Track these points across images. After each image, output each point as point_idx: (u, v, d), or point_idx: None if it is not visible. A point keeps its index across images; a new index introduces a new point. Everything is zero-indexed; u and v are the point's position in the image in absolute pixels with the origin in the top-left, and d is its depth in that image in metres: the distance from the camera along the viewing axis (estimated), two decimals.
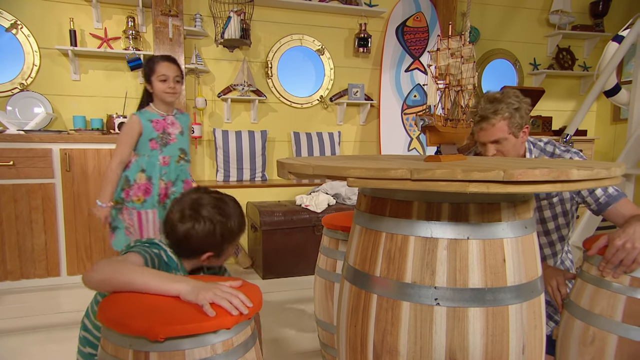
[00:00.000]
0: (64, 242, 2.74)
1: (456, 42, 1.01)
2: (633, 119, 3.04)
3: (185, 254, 1.23)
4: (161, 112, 2.05)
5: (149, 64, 2.00)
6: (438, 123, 0.95)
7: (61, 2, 3.14)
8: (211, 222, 1.21)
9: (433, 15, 3.88)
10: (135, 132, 1.98)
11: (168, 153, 2.05)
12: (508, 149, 1.53)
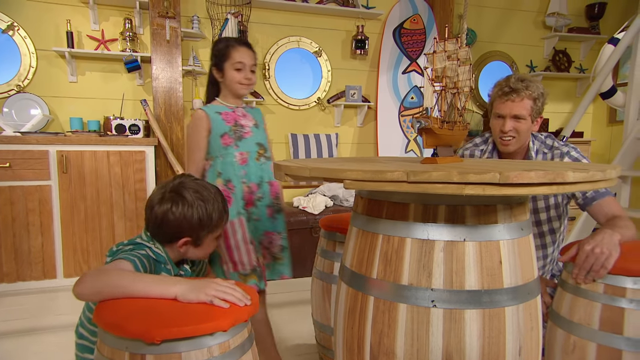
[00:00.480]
0: (60, 244, 2.73)
1: (452, 45, 1.02)
2: (628, 121, 3.06)
3: (163, 238, 1.23)
4: (230, 105, 1.71)
5: (222, 47, 1.65)
6: (435, 125, 0.95)
7: (58, 4, 3.13)
8: (189, 205, 1.20)
9: (430, 17, 3.89)
10: (204, 129, 1.65)
11: (245, 148, 1.68)
12: (523, 130, 1.57)
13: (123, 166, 2.82)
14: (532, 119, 1.57)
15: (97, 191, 2.78)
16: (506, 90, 1.56)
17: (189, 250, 1.26)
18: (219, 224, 1.28)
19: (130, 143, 2.83)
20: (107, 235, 2.82)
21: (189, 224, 1.21)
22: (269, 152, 1.76)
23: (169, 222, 1.20)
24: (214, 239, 1.30)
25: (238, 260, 1.62)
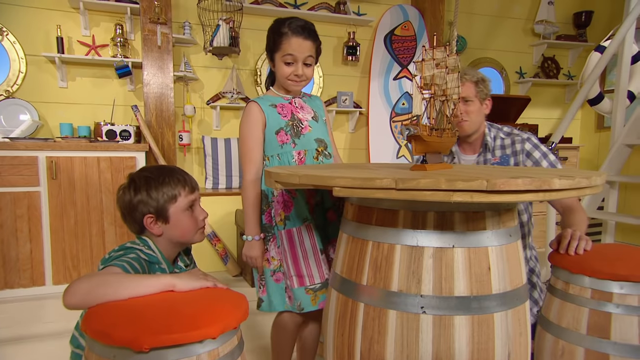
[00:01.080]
0: (49, 251, 2.70)
1: (441, 53, 1.03)
2: (615, 127, 3.10)
3: (138, 227, 1.24)
4: (286, 96, 1.52)
5: (274, 35, 1.45)
6: (423, 132, 0.96)
7: (48, 9, 3.12)
8: (137, 183, 1.22)
9: (421, 24, 3.93)
10: (259, 124, 1.45)
11: (303, 146, 1.48)
12: (474, 111, 1.73)
13: (114, 172, 2.80)
14: (479, 100, 1.73)
15: (87, 197, 2.76)
16: None
17: (165, 231, 1.23)
18: (175, 189, 1.23)
19: (120, 149, 2.82)
20: (97, 242, 2.80)
21: (142, 199, 1.21)
22: (330, 147, 1.56)
23: (128, 206, 1.22)
24: (184, 210, 1.23)
25: (306, 274, 1.42)
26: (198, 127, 3.56)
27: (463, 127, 1.73)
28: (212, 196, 3.26)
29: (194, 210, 1.26)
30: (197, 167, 3.58)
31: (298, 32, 1.43)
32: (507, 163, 1.73)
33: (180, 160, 3.49)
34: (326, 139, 1.56)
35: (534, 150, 1.71)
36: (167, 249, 1.26)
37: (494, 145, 1.77)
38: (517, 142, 1.73)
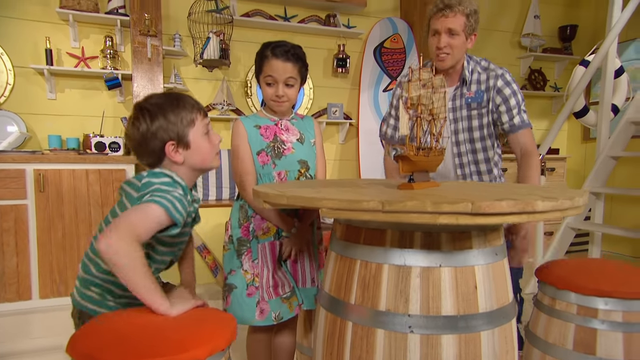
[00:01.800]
0: (36, 264, 2.67)
1: (427, 74, 1.05)
2: (601, 140, 3.16)
3: (156, 158, 1.18)
4: (273, 117, 1.57)
5: (259, 59, 1.53)
6: (410, 152, 0.98)
7: (37, 21, 3.11)
8: (152, 110, 1.16)
9: (410, 37, 3.98)
10: (245, 139, 1.51)
11: (283, 167, 1.54)
12: (458, 46, 1.68)
13: (102, 185, 2.78)
14: (465, 35, 1.68)
15: (75, 210, 2.73)
16: (440, 6, 1.66)
17: (186, 158, 1.19)
18: (192, 113, 1.20)
19: (109, 161, 2.80)
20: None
21: (161, 125, 1.15)
22: (312, 170, 1.60)
23: (144, 136, 1.16)
24: (202, 135, 1.21)
25: (279, 284, 1.50)
26: None
27: (444, 62, 1.70)
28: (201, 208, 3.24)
29: (209, 134, 1.24)
30: None
31: (278, 55, 1.49)
32: (480, 99, 1.74)
33: None
34: (310, 161, 1.60)
35: (505, 87, 1.72)
36: (187, 177, 1.21)
37: (470, 80, 1.76)
38: (491, 77, 1.73)
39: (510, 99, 1.73)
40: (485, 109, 1.75)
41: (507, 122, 1.73)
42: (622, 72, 3.26)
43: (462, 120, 1.78)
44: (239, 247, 1.52)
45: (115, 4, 3.13)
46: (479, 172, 1.80)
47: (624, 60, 4.17)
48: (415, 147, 1.00)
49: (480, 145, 1.77)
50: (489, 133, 1.77)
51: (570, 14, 4.72)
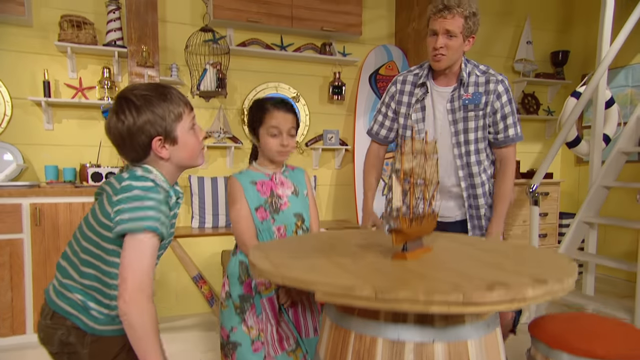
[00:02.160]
0: (31, 299, 2.66)
1: (420, 144, 1.07)
2: (593, 170, 3.20)
3: (141, 153, 1.12)
4: (267, 172, 1.59)
5: (256, 111, 1.55)
6: (404, 226, 1.00)
7: (35, 53, 3.13)
8: (138, 100, 1.09)
9: (404, 64, 4.03)
10: (243, 196, 1.51)
11: (282, 221, 1.55)
12: (455, 47, 1.70)
13: None
14: (463, 37, 1.70)
15: None
16: (440, 7, 1.69)
17: (172, 154, 1.14)
18: (179, 106, 1.14)
19: None
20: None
21: (148, 119, 1.08)
22: (307, 222, 1.62)
23: (129, 130, 1.08)
24: (189, 130, 1.17)
25: (284, 337, 1.50)
26: None
27: (440, 63, 1.73)
28: (197, 237, 3.25)
29: (195, 129, 1.20)
30: (184, 206, 3.58)
31: (279, 106, 1.54)
32: (478, 101, 1.76)
33: None
34: (305, 213, 1.62)
35: (504, 94, 1.77)
36: (169, 175, 1.17)
37: (468, 81, 1.78)
38: (491, 81, 1.77)
39: (506, 106, 1.77)
40: (482, 112, 1.77)
41: (502, 132, 1.78)
42: (613, 102, 3.32)
43: (458, 122, 1.81)
44: (241, 304, 1.51)
45: (113, 36, 3.16)
46: (470, 174, 1.83)
47: (615, 87, 4.24)
48: (409, 219, 1.02)
49: (473, 148, 1.80)
50: (483, 136, 1.81)
51: (562, 39, 4.81)
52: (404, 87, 1.93)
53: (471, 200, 1.86)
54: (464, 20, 1.68)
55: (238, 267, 1.54)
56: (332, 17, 3.67)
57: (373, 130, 2.07)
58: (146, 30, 3.13)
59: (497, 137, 1.81)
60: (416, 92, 1.87)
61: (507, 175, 1.82)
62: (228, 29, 3.57)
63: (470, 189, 1.84)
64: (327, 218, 4.05)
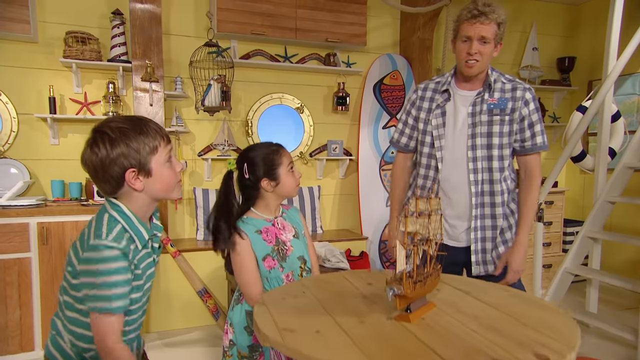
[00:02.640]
0: (39, 316, 2.70)
1: (424, 204, 1.08)
2: (598, 184, 3.19)
3: (114, 185, 1.13)
4: (268, 217, 1.56)
5: (266, 156, 1.52)
6: (407, 291, 1.01)
7: (41, 69, 3.15)
8: (113, 133, 1.10)
9: (409, 73, 4.02)
10: (250, 249, 1.48)
11: (289, 268, 1.54)
12: (488, 53, 1.72)
13: None
14: (495, 43, 1.72)
15: None
16: (475, 12, 1.69)
17: (146, 186, 1.15)
18: (155, 139, 1.15)
19: None
20: None
21: (122, 152, 1.10)
22: (309, 262, 1.63)
23: (103, 162, 1.10)
24: (164, 163, 1.17)
25: None
26: (189, 179, 3.59)
27: (472, 69, 1.72)
28: (202, 251, 3.27)
29: (172, 162, 1.20)
30: (189, 218, 3.60)
31: (281, 145, 1.61)
32: (504, 106, 1.75)
33: (171, 212, 3.51)
34: (306, 255, 1.62)
35: (531, 102, 1.76)
36: (144, 207, 1.18)
37: (494, 87, 1.77)
38: (519, 89, 1.76)
39: (533, 114, 1.76)
40: (509, 117, 1.75)
41: (529, 140, 1.77)
42: (619, 116, 3.30)
43: (480, 125, 1.77)
44: (250, 354, 1.50)
45: (118, 51, 3.17)
46: (491, 180, 1.78)
47: (622, 94, 4.21)
48: (412, 282, 1.03)
49: (497, 153, 1.76)
50: (508, 142, 1.77)
51: (569, 45, 4.77)
52: (425, 94, 1.92)
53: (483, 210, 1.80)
54: (497, 27, 1.69)
55: (245, 316, 1.52)
56: (336, 28, 3.66)
57: (394, 138, 2.04)
58: (150, 45, 3.13)
59: (524, 145, 1.78)
60: (437, 98, 1.86)
61: (533, 183, 1.80)
62: (232, 40, 3.57)
63: (488, 196, 1.79)
64: (331, 227, 4.07)
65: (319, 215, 3.88)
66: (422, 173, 1.93)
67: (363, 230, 3.86)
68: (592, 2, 4.60)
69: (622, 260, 4.12)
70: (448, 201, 1.83)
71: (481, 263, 1.83)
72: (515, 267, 1.75)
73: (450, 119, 1.83)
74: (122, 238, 1.10)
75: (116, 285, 1.07)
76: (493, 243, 1.83)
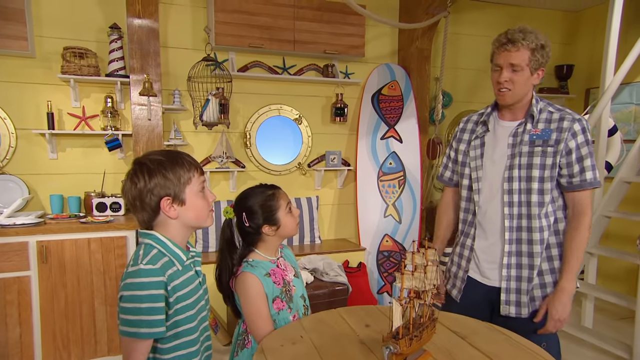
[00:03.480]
0: (39, 334, 2.72)
1: (420, 258, 1.09)
2: (594, 199, 3.20)
3: (151, 214, 1.21)
4: (272, 258, 1.58)
5: (264, 202, 1.54)
6: (404, 349, 1.02)
7: (39, 84, 3.14)
8: (151, 166, 1.19)
9: (407, 84, 4.02)
10: (261, 291, 1.48)
11: (295, 308, 1.57)
12: (520, 82, 1.62)
13: (104, 252, 2.83)
14: (530, 70, 1.61)
15: (77, 279, 2.78)
16: (503, 41, 1.63)
17: (180, 214, 1.22)
18: (190, 171, 1.24)
19: (111, 229, 2.84)
20: (87, 322, 2.82)
21: (158, 182, 1.18)
22: (307, 300, 1.64)
23: (142, 192, 1.19)
24: (197, 192, 1.25)
25: None
26: None
27: (504, 97, 1.65)
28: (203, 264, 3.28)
29: (205, 192, 1.28)
30: None
31: (275, 186, 1.61)
32: (547, 137, 1.63)
33: None
34: (304, 293, 1.64)
35: (580, 134, 1.60)
36: (179, 235, 1.25)
37: (538, 118, 1.66)
38: (566, 119, 1.62)
39: (583, 147, 1.60)
40: (553, 149, 1.62)
41: (578, 176, 1.60)
42: (616, 130, 3.31)
43: (520, 156, 1.67)
44: None
45: (116, 65, 3.16)
46: (529, 215, 1.66)
47: (618, 103, 4.22)
48: (408, 338, 1.05)
49: (537, 187, 1.64)
50: (550, 176, 1.63)
51: (567, 52, 4.76)
52: (467, 126, 1.88)
53: (519, 246, 1.69)
54: (531, 53, 1.59)
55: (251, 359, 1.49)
56: (334, 40, 3.65)
57: (440, 173, 2.01)
58: (148, 59, 3.12)
59: (572, 181, 1.62)
60: (477, 130, 1.81)
61: (582, 223, 1.62)
62: (230, 52, 3.56)
63: (525, 232, 1.67)
64: (329, 237, 4.09)
65: (317, 226, 3.90)
66: (463, 206, 1.87)
67: (361, 240, 3.88)
68: (591, 9, 4.59)
69: (619, 267, 4.16)
70: (483, 234, 1.76)
71: (513, 304, 1.71)
72: (557, 316, 1.62)
73: (489, 150, 1.75)
74: (157, 260, 1.17)
75: (147, 311, 1.13)
76: (530, 284, 1.70)
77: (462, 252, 1.85)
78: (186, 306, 1.23)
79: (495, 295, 1.74)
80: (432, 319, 1.16)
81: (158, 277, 1.15)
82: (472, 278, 1.80)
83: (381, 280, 3.87)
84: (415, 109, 4.00)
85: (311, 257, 3.41)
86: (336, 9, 3.61)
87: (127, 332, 1.13)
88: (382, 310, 1.56)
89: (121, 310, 1.15)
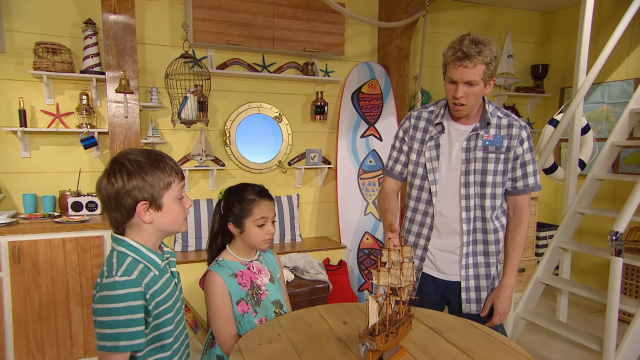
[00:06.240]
0: (12, 337, 2.65)
1: (396, 255, 1.10)
2: (568, 196, 3.28)
3: (125, 215, 1.15)
4: (244, 260, 1.57)
5: (240, 203, 1.52)
6: (380, 345, 1.03)
7: (10, 80, 3.05)
8: (130, 167, 1.13)
9: (387, 82, 4.04)
10: (225, 292, 1.47)
11: (263, 313, 1.54)
12: (475, 94, 1.64)
13: (80, 253, 2.77)
14: (484, 82, 1.63)
15: (52, 280, 2.72)
16: (459, 55, 1.59)
17: (155, 219, 1.18)
18: (170, 176, 1.18)
19: (86, 229, 2.79)
20: (63, 323, 2.76)
21: (137, 184, 1.13)
22: (285, 307, 1.62)
23: (118, 193, 1.13)
24: (175, 199, 1.20)
25: None
26: None
27: (459, 112, 1.68)
28: (180, 264, 3.25)
29: (182, 199, 1.24)
30: None
31: (264, 195, 1.56)
32: (499, 144, 1.70)
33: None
34: (281, 299, 1.62)
35: (526, 141, 1.71)
36: (151, 239, 1.21)
37: (491, 123, 1.72)
38: (515, 126, 1.70)
39: (527, 154, 1.71)
40: (504, 156, 1.70)
41: (521, 180, 1.72)
42: (589, 129, 3.39)
43: (475, 161, 1.72)
44: None
45: (91, 62, 3.09)
46: (483, 218, 1.74)
47: (591, 103, 4.33)
48: (385, 335, 1.05)
49: (490, 192, 1.72)
50: (502, 181, 1.72)
51: (542, 52, 4.86)
52: (418, 123, 1.84)
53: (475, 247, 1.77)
54: (485, 67, 1.59)
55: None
56: (314, 38, 3.65)
57: (388, 166, 1.96)
58: (125, 55, 3.06)
59: (516, 186, 1.74)
60: (430, 130, 1.80)
61: (522, 224, 1.76)
62: (209, 49, 3.53)
63: (481, 234, 1.76)
64: (310, 235, 4.09)
65: (298, 224, 3.89)
66: (411, 205, 1.87)
67: (342, 238, 3.90)
68: (565, 10, 4.70)
69: (592, 262, 4.27)
70: (438, 234, 1.80)
71: (474, 301, 1.79)
72: (501, 310, 1.72)
73: (445, 152, 1.78)
74: (133, 270, 1.13)
75: (126, 324, 1.08)
76: (488, 280, 1.79)
77: (414, 252, 1.86)
78: (165, 309, 1.20)
79: (453, 290, 1.81)
80: (409, 315, 1.18)
81: (135, 288, 1.10)
82: (428, 274, 1.85)
83: (362, 277, 3.89)
84: (395, 107, 4.03)
85: (292, 255, 3.41)
86: (316, 6, 3.60)
87: (106, 347, 1.08)
88: (361, 308, 1.57)
89: (98, 324, 1.09)
